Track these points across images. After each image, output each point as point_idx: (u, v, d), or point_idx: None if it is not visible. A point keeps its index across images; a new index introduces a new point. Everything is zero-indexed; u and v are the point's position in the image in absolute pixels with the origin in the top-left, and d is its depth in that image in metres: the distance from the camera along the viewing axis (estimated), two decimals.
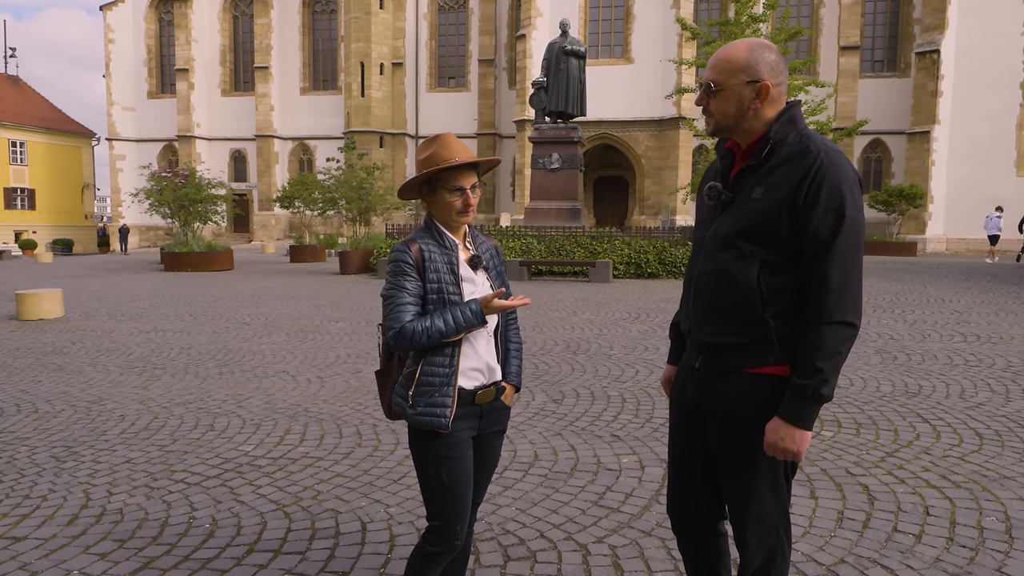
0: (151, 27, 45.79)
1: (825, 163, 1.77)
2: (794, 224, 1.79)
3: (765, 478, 1.93)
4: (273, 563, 3.00)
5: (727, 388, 1.94)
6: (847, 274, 1.77)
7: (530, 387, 6.07)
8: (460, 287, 2.14)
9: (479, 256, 2.22)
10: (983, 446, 4.45)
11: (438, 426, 2.11)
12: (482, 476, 2.32)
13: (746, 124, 1.89)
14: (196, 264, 21.02)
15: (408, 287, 2.11)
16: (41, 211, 46.25)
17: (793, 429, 1.80)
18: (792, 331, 1.83)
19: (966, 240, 32.80)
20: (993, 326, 9.20)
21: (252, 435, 4.80)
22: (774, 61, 1.85)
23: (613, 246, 17.12)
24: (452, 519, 2.16)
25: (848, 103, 34.30)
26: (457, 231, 2.23)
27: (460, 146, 2.17)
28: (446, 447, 2.14)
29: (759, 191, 1.84)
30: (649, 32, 34.33)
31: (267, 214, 43.28)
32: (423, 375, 2.14)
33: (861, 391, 5.86)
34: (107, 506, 3.63)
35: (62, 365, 7.23)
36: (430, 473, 2.16)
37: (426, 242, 2.17)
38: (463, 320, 2.07)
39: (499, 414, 2.29)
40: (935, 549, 3.08)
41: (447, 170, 2.13)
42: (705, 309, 1.95)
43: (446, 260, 2.15)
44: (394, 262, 2.14)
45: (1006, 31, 31.86)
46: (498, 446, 2.35)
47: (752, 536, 1.97)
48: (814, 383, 1.76)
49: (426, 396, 2.13)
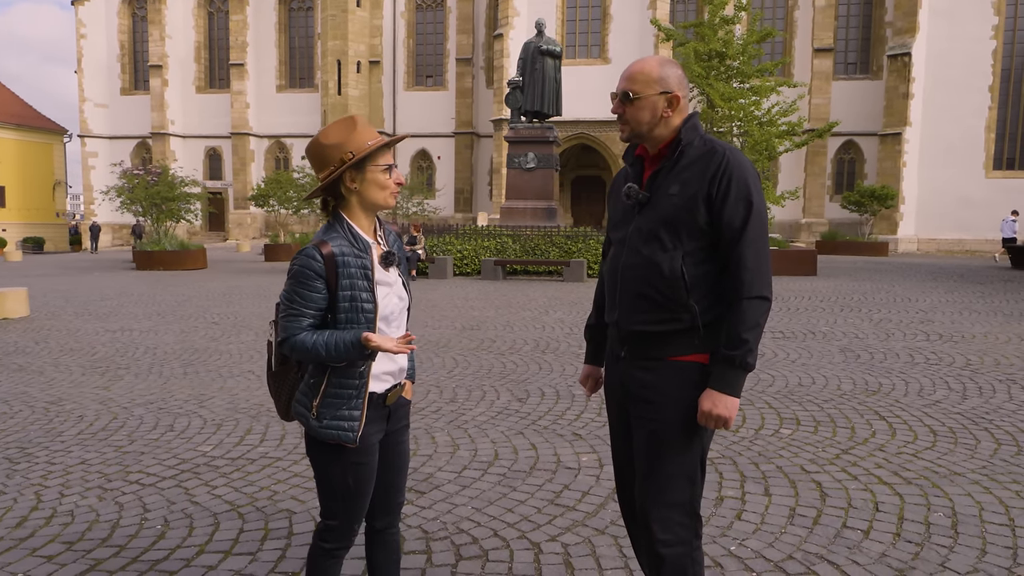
0: (124, 22, 45.14)
1: (731, 160, 1.99)
2: (709, 215, 1.99)
3: (681, 465, 2.06)
4: (223, 564, 2.98)
5: (649, 376, 2.07)
6: (759, 254, 1.98)
7: (496, 386, 6.08)
8: (374, 294, 2.00)
9: (392, 252, 2.10)
10: (936, 443, 4.53)
11: (346, 440, 2.01)
12: (398, 476, 2.25)
13: (657, 131, 2.08)
14: (168, 263, 20.79)
15: (307, 296, 1.95)
16: (11, 209, 45.42)
17: (725, 397, 1.97)
18: (713, 317, 2.02)
19: (937, 240, 33.32)
20: (956, 325, 9.36)
21: (212, 435, 4.76)
22: (681, 76, 2.08)
23: (588, 245, 17.17)
24: (352, 519, 2.12)
25: (822, 105, 34.67)
26: (368, 223, 2.08)
27: (370, 127, 2.06)
28: (354, 454, 2.05)
29: (675, 188, 2.03)
30: (626, 32, 34.47)
31: (243, 213, 42.85)
32: (331, 387, 2.02)
33: (822, 389, 5.94)
34: (58, 508, 3.58)
35: (23, 365, 7.12)
36: (335, 478, 2.07)
37: (339, 244, 1.99)
38: (343, 351, 1.92)
39: (403, 410, 2.24)
40: (882, 544, 3.13)
41: (382, 147, 2.01)
42: (634, 299, 2.08)
43: (360, 264, 1.99)
44: (299, 267, 1.95)
45: (976, 35, 32.41)
46: (405, 442, 2.28)
47: (665, 527, 2.05)
48: (741, 353, 1.94)
49: (333, 408, 2.01)
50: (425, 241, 17.92)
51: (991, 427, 4.85)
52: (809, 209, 35.47)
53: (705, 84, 18.88)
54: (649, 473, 2.08)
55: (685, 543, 2.06)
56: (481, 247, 17.68)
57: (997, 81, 32.65)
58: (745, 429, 4.82)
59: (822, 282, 15.68)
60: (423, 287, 14.76)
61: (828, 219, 35.01)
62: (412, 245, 16.83)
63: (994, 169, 33.06)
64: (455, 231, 20.73)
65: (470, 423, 4.99)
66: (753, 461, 4.18)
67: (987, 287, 14.63)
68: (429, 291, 13.95)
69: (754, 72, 19.51)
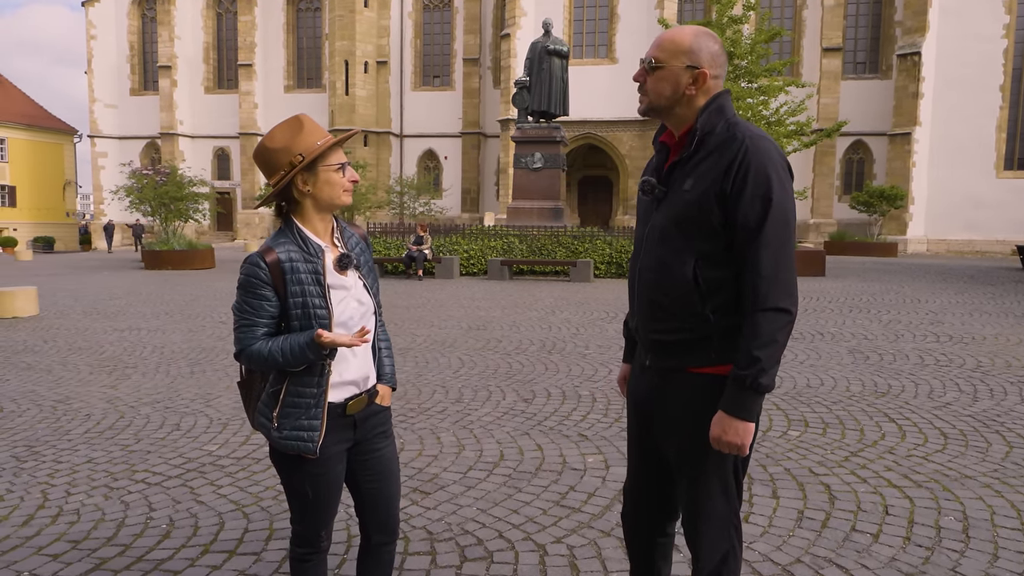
0: (134, 23, 45.38)
1: (750, 149, 1.76)
2: (724, 213, 1.77)
3: (715, 479, 1.92)
4: (227, 564, 2.97)
5: (672, 388, 1.93)
6: (777, 260, 1.74)
7: (502, 387, 6.06)
8: (328, 298, 1.95)
9: (348, 255, 2.01)
10: (947, 446, 4.48)
11: (305, 451, 1.97)
12: (384, 485, 2.17)
13: (679, 110, 1.87)
14: (176, 262, 20.86)
15: (256, 305, 1.92)
16: (22, 208, 45.75)
17: (736, 421, 1.77)
18: (732, 326, 1.81)
19: (947, 241, 33.12)
20: (967, 326, 9.29)
21: (218, 435, 4.75)
22: (716, 52, 1.83)
23: (594, 246, 17.14)
24: (315, 525, 2.11)
25: (830, 104, 34.52)
26: (321, 225, 2.01)
27: (315, 124, 2.00)
28: (312, 465, 2.02)
29: (689, 182, 1.82)
30: (633, 32, 34.39)
31: (250, 212, 43.02)
32: (288, 395, 1.98)
33: (831, 391, 5.89)
34: (64, 506, 3.58)
35: (32, 364, 7.14)
36: (295, 486, 2.06)
37: (287, 250, 1.94)
38: (300, 353, 1.88)
39: (378, 418, 2.15)
40: (892, 548, 3.10)
41: (332, 146, 1.96)
42: (649, 306, 1.93)
43: (311, 269, 1.94)
44: (245, 276, 1.92)
45: (986, 34, 32.19)
46: (385, 450, 2.17)
47: (704, 538, 1.96)
48: (752, 373, 1.73)
49: (292, 419, 1.97)
50: (432, 241, 17.92)
51: (1002, 430, 4.80)
52: (817, 209, 35.33)
53: None
54: (685, 487, 1.97)
55: (722, 551, 1.95)
56: (488, 247, 17.66)
57: (1008, 80, 32.41)
58: None
59: (830, 283, 15.60)
60: (429, 287, 14.76)
61: (837, 219, 34.87)
62: (419, 245, 16.83)
63: (1005, 169, 32.81)
64: (462, 231, 20.72)
65: (476, 423, 4.98)
66: (761, 463, 4.14)
67: (998, 288, 14.52)
68: (435, 291, 13.95)
69: (762, 72, 19.43)
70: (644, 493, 2.15)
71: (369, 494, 2.17)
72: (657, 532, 2.18)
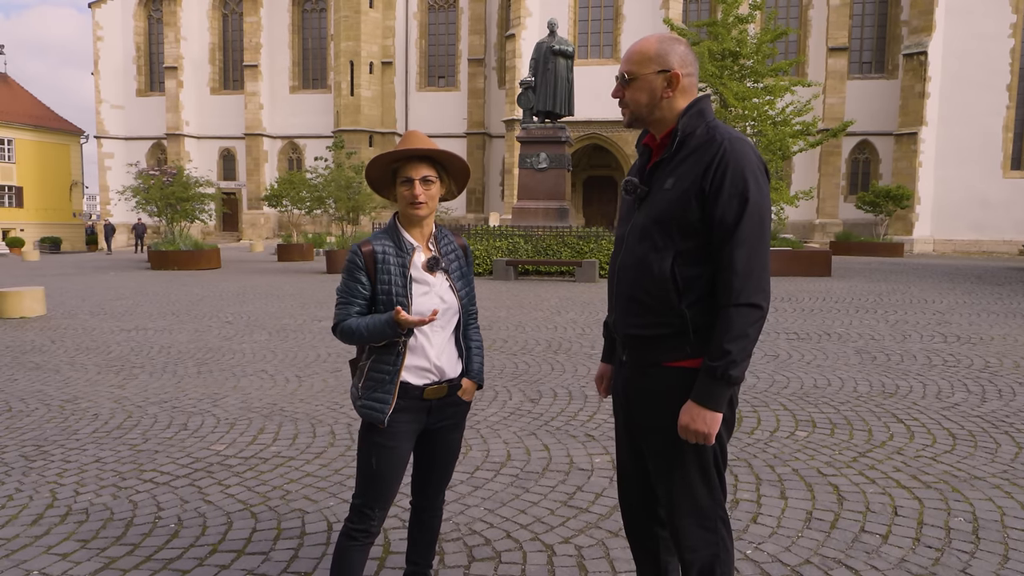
0: (140, 25, 45.55)
1: (728, 150, 1.83)
2: (702, 211, 1.85)
3: (694, 470, 1.96)
4: (236, 563, 2.98)
5: (648, 382, 1.99)
6: (751, 257, 1.81)
7: (508, 387, 6.06)
8: (409, 290, 2.18)
9: (437, 258, 2.25)
10: (956, 446, 4.46)
11: (375, 420, 2.20)
12: (435, 470, 2.42)
13: (658, 114, 1.95)
14: (183, 263, 20.93)
15: (352, 287, 2.21)
16: (29, 209, 45.90)
17: (704, 410, 1.84)
18: (707, 322, 1.88)
19: (953, 241, 33.03)
20: (974, 327, 9.25)
21: (225, 434, 4.76)
22: (683, 52, 1.92)
23: (600, 246, 17.12)
24: (371, 500, 2.26)
25: (836, 104, 34.45)
26: (417, 229, 2.26)
27: (418, 139, 2.19)
28: (382, 436, 2.23)
29: (670, 181, 1.90)
30: (639, 32, 34.33)
31: (256, 213, 43.11)
32: (371, 370, 2.24)
33: (838, 391, 5.88)
34: (73, 506, 3.59)
35: (40, 364, 7.17)
36: (362, 456, 2.28)
37: (384, 243, 2.23)
38: (377, 328, 2.14)
39: (453, 410, 2.35)
40: (901, 550, 3.09)
41: (399, 160, 2.19)
42: (627, 302, 2.00)
43: (400, 263, 2.20)
44: (347, 262, 2.25)
45: (993, 33, 32.10)
46: (451, 440, 2.41)
47: (690, 534, 1.98)
48: (723, 364, 1.80)
49: (370, 390, 2.22)
50: None
51: (1011, 430, 4.78)
52: (823, 209, 35.25)
53: (719, 83, 18.80)
54: (665, 482, 2.00)
55: (711, 546, 1.97)
56: (493, 247, 17.66)
57: (1015, 80, 32.31)
58: (760, 431, 4.77)
59: (836, 283, 15.56)
60: None
61: (842, 219, 34.78)
62: None
63: (1012, 169, 32.72)
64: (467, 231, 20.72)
65: (482, 423, 4.98)
66: (768, 464, 4.13)
67: (1005, 288, 14.46)
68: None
69: (768, 71, 19.41)
70: (635, 484, 2.19)
71: (423, 471, 2.43)
72: (656, 523, 2.20)
